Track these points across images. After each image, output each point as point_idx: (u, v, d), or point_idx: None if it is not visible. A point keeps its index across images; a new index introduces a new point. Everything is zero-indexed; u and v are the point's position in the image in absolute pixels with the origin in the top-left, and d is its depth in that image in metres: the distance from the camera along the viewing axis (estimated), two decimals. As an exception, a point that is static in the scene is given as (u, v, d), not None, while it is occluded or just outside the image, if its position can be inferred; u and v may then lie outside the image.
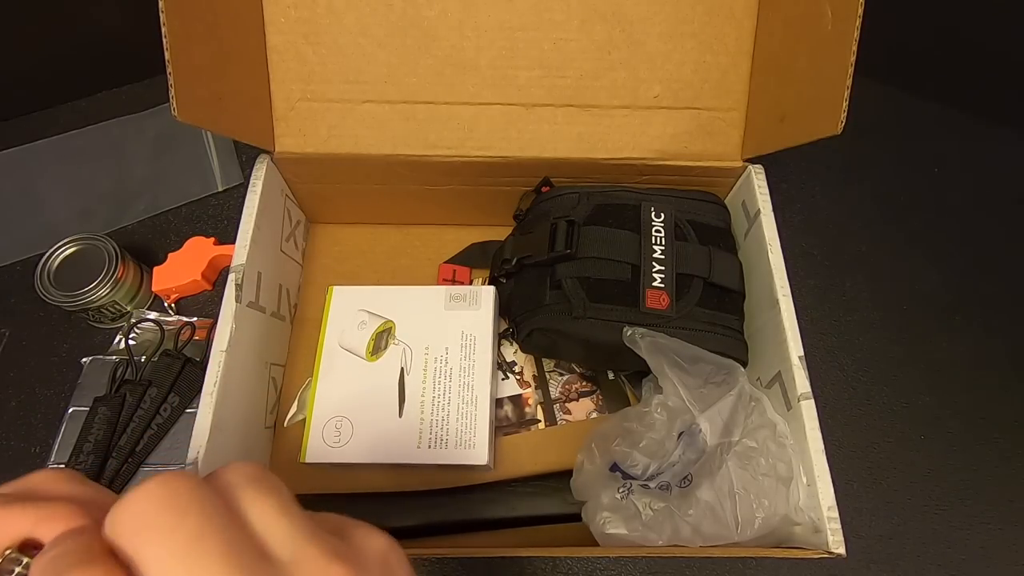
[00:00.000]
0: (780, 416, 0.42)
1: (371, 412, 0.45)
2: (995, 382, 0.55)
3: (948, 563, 0.48)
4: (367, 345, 0.47)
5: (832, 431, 0.40)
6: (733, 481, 0.39)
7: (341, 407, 0.45)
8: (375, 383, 0.46)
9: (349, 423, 0.44)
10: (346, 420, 0.45)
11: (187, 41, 0.38)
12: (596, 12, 0.46)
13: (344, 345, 0.47)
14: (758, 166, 0.48)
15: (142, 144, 0.64)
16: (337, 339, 0.47)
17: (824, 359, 0.55)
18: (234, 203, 0.61)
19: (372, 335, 0.47)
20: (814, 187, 0.63)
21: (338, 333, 0.48)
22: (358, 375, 0.46)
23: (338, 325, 0.48)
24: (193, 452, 0.37)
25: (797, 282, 0.43)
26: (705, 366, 0.41)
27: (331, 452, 0.44)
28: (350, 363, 0.47)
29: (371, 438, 0.44)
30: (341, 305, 0.49)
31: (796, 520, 0.38)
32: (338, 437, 0.44)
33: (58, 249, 0.53)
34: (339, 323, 0.48)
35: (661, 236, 0.44)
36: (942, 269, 0.60)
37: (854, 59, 0.37)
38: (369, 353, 0.47)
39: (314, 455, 0.44)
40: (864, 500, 0.50)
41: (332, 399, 0.45)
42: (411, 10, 0.46)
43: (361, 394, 0.45)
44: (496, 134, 0.48)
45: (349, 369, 0.46)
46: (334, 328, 0.48)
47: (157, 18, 0.36)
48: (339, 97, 0.47)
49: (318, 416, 0.45)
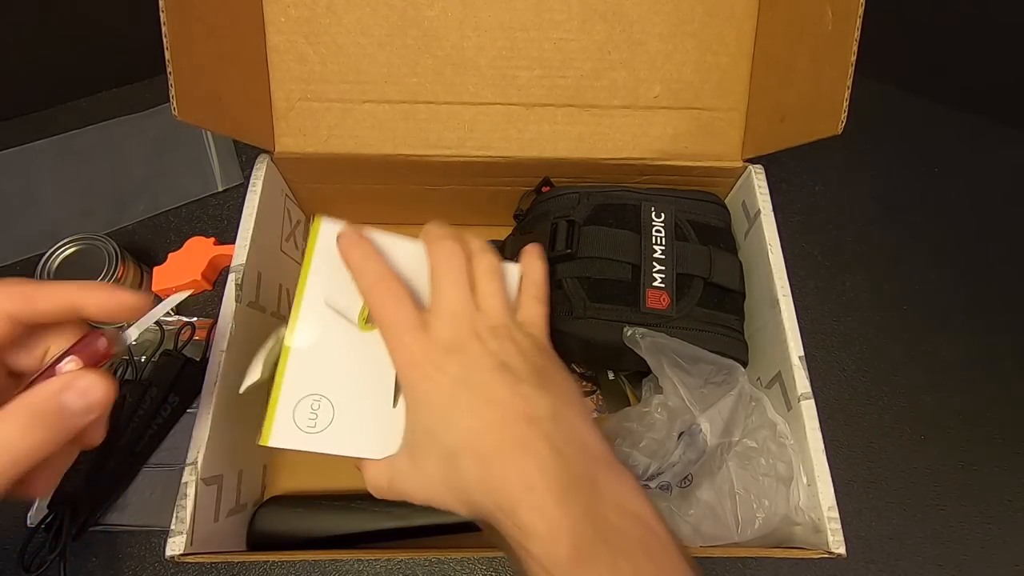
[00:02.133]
0: (780, 416, 0.42)
1: (358, 396, 0.34)
2: (995, 382, 0.55)
3: (948, 563, 0.48)
4: (362, 310, 0.34)
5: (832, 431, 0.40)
6: (733, 481, 0.39)
7: (320, 383, 0.34)
8: (367, 361, 0.34)
9: (329, 405, 0.33)
10: (325, 401, 0.33)
11: (187, 41, 0.38)
12: (596, 12, 0.46)
13: (332, 304, 0.34)
14: (758, 166, 0.48)
15: (142, 144, 0.64)
16: (323, 293, 0.34)
17: (824, 359, 0.55)
18: (234, 203, 0.61)
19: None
20: (814, 187, 0.63)
21: (325, 285, 0.34)
22: (346, 347, 0.34)
23: (326, 274, 0.34)
24: (193, 452, 0.37)
25: (797, 282, 0.43)
26: (705, 366, 0.41)
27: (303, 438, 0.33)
28: (337, 328, 0.34)
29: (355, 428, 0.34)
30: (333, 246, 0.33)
31: (796, 520, 0.38)
32: (314, 420, 0.33)
33: (58, 249, 0.53)
34: (327, 271, 0.34)
35: (661, 236, 0.44)
36: (942, 269, 0.60)
37: (854, 59, 0.37)
38: (363, 320, 0.34)
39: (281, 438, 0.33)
40: (864, 500, 0.50)
41: (309, 371, 0.34)
42: (411, 10, 0.46)
43: (347, 372, 0.34)
44: (496, 134, 0.48)
45: (335, 336, 0.34)
46: (320, 277, 0.34)
47: (157, 18, 0.36)
48: (339, 97, 0.47)
49: (289, 389, 0.33)
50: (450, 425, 0.27)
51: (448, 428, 0.27)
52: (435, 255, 0.31)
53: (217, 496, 0.39)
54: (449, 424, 0.27)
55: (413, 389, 0.29)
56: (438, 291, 0.30)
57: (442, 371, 0.28)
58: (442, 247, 0.31)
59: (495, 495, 0.25)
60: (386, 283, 0.30)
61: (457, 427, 0.27)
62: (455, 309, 0.29)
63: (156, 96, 0.65)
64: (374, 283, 0.30)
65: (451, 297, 0.30)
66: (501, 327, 0.30)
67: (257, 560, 0.47)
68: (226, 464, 0.41)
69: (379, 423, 0.33)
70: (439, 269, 0.30)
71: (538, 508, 0.24)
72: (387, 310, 0.29)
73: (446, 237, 0.31)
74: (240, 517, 0.44)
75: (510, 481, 0.25)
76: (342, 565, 0.47)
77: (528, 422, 0.26)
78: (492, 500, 0.25)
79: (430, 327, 0.29)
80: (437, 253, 0.31)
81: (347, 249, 0.31)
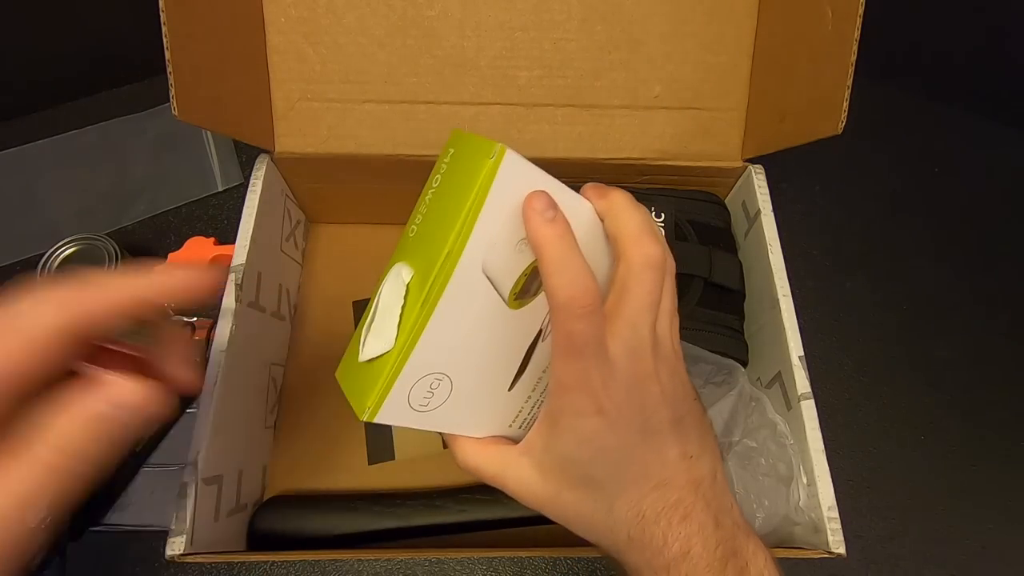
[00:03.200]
0: (780, 416, 0.42)
1: (480, 376, 0.30)
2: (995, 382, 0.55)
3: (948, 563, 0.48)
4: (516, 282, 0.28)
5: (832, 431, 0.40)
6: (733, 481, 0.39)
7: (449, 361, 0.28)
8: (502, 341, 0.29)
9: (448, 383, 0.29)
10: (446, 380, 0.28)
11: (187, 41, 0.38)
12: (596, 12, 0.46)
13: (489, 271, 0.27)
14: (758, 166, 0.48)
15: (142, 144, 0.64)
16: (482, 257, 0.26)
17: (824, 359, 0.55)
18: (234, 203, 0.61)
19: (527, 268, 0.28)
20: (814, 187, 0.63)
21: (486, 247, 0.26)
22: (488, 324, 0.28)
23: (493, 228, 0.25)
24: (193, 452, 0.37)
25: (797, 282, 0.43)
26: (705, 366, 0.41)
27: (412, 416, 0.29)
28: (486, 302, 0.27)
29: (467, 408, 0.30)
30: (509, 192, 0.25)
31: (796, 520, 0.38)
32: (428, 399, 0.28)
33: (58, 249, 0.53)
34: (494, 225, 0.25)
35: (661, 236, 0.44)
36: (942, 269, 0.60)
37: (854, 59, 0.37)
38: (513, 296, 0.28)
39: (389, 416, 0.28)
40: (864, 500, 0.50)
41: (442, 346, 0.27)
42: (411, 10, 0.46)
43: (479, 351, 0.29)
44: (496, 134, 0.48)
45: (481, 310, 0.28)
46: (485, 230, 0.25)
47: (157, 18, 0.36)
48: (339, 97, 0.47)
49: (415, 364, 0.27)
50: (609, 470, 0.26)
51: (605, 472, 0.26)
52: (635, 256, 0.26)
53: (217, 496, 0.39)
54: (608, 468, 0.26)
55: (576, 417, 0.25)
56: (629, 307, 0.25)
57: (619, 412, 0.25)
58: (649, 252, 0.26)
59: (645, 551, 0.25)
60: (582, 290, 0.24)
61: (618, 477, 0.26)
62: (643, 335, 0.25)
63: (156, 96, 0.65)
64: (566, 285, 0.24)
65: (643, 323, 0.25)
66: (672, 359, 0.27)
67: (257, 560, 0.47)
68: (226, 464, 0.41)
69: (491, 405, 0.30)
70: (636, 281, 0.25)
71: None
72: (576, 326, 0.24)
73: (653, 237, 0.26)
74: (240, 517, 0.44)
75: (667, 544, 0.25)
76: (342, 565, 0.47)
77: (694, 489, 0.26)
78: (639, 555, 0.25)
79: (609, 350, 0.25)
80: (639, 256, 0.26)
81: (539, 224, 0.24)
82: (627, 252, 0.26)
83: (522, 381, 0.30)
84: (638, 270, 0.25)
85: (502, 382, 0.30)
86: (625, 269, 0.26)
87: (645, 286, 0.25)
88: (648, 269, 0.25)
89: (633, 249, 0.26)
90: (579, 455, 0.26)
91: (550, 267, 0.24)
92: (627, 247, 0.26)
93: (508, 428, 0.32)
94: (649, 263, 0.26)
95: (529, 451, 0.28)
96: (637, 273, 0.25)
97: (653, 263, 0.26)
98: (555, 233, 0.24)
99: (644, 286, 0.25)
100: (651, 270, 0.26)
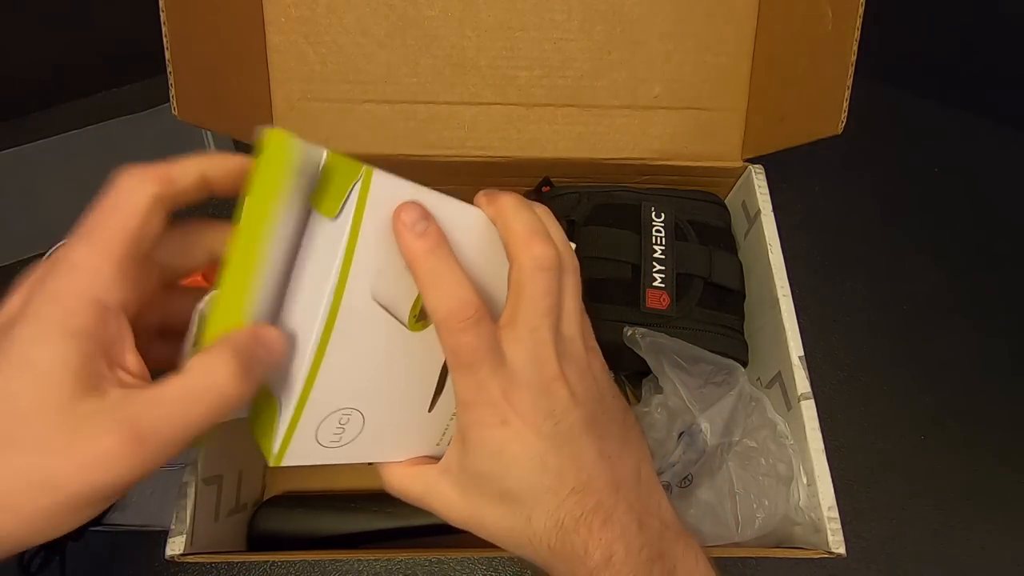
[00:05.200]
0: (780, 416, 0.42)
1: (392, 403, 0.28)
2: (995, 382, 0.55)
3: (948, 563, 0.48)
4: (414, 304, 0.26)
5: (832, 431, 0.40)
6: (733, 481, 0.39)
7: (354, 396, 0.27)
8: (410, 366, 0.28)
9: (360, 417, 0.27)
10: (356, 412, 0.27)
11: (187, 41, 0.38)
12: (596, 12, 0.46)
13: (381, 299, 0.25)
14: (758, 166, 0.48)
15: (142, 144, 0.64)
16: (370, 285, 0.25)
17: (824, 359, 0.55)
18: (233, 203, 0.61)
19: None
20: (814, 187, 0.63)
21: (370, 275, 0.24)
22: (389, 352, 0.27)
23: (371, 257, 0.24)
24: (193, 452, 0.37)
25: (797, 282, 0.43)
26: (705, 366, 0.41)
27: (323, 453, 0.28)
28: (384, 329, 0.26)
29: (385, 434, 0.29)
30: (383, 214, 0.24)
31: (796, 520, 0.38)
32: (339, 435, 0.27)
33: (58, 249, 0.53)
34: (374, 255, 0.24)
35: (661, 236, 0.44)
36: (942, 269, 0.60)
37: (854, 59, 0.37)
38: (414, 318, 0.27)
39: (297, 458, 0.27)
40: (864, 500, 0.50)
41: (344, 384, 0.26)
42: (411, 10, 0.46)
43: (386, 379, 0.27)
44: (496, 134, 0.48)
45: (380, 338, 0.26)
46: (366, 258, 0.24)
47: (157, 18, 0.36)
48: (339, 97, 0.47)
49: (316, 406, 0.25)
50: (523, 482, 0.24)
51: (519, 484, 0.24)
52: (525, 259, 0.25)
53: (217, 496, 0.39)
54: (522, 480, 0.24)
55: (482, 431, 0.24)
56: (525, 311, 0.24)
57: (524, 421, 0.24)
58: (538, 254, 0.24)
59: (568, 562, 0.24)
60: (459, 302, 0.23)
61: (532, 487, 0.24)
62: (543, 338, 0.24)
63: (156, 96, 0.65)
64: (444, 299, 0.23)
65: (541, 326, 0.24)
66: (582, 359, 0.26)
67: (257, 560, 0.47)
68: (226, 464, 0.41)
69: (413, 428, 0.29)
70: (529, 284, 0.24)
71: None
72: (461, 340, 0.23)
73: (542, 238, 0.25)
74: (240, 517, 0.44)
75: (588, 552, 0.24)
76: (342, 565, 0.47)
77: (614, 490, 0.25)
78: (564, 565, 0.24)
79: (507, 358, 0.24)
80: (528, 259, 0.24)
81: (410, 240, 0.23)
82: (517, 256, 0.25)
83: (443, 400, 0.29)
84: (529, 273, 0.24)
85: (419, 405, 0.29)
86: (517, 273, 0.25)
87: (539, 288, 0.24)
88: (539, 271, 0.24)
89: (522, 252, 0.25)
90: (491, 470, 0.25)
91: (424, 282, 0.24)
92: (516, 251, 0.25)
93: (436, 447, 0.31)
94: (539, 264, 0.24)
95: (447, 470, 0.27)
96: (528, 276, 0.24)
97: (544, 264, 0.24)
98: (426, 247, 0.23)
99: (538, 288, 0.24)
100: (542, 271, 0.24)
